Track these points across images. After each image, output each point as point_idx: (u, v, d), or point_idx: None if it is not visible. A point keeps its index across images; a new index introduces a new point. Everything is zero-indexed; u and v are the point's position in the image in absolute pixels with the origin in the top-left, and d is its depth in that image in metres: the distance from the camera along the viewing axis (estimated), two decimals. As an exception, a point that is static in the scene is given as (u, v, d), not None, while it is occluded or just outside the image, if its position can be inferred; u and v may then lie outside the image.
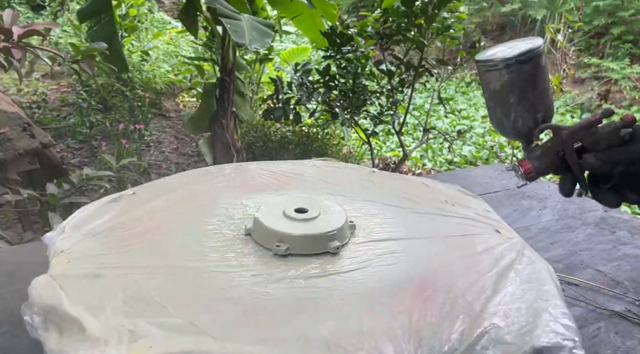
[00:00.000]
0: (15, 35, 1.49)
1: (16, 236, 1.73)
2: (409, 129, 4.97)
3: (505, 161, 4.01)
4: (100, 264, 0.65)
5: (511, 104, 0.65)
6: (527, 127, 0.65)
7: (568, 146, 0.61)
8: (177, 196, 0.87)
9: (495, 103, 0.67)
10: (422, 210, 0.87)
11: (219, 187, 0.92)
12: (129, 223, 0.76)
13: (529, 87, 0.64)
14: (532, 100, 0.64)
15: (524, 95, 0.64)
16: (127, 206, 0.83)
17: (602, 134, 0.59)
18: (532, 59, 0.63)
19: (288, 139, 3.94)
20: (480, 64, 0.66)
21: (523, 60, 0.62)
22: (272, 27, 2.64)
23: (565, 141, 0.61)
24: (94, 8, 2.87)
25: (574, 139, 0.61)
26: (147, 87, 4.63)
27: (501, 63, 0.63)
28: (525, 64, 0.63)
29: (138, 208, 0.82)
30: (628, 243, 1.05)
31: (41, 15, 6.54)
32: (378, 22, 2.93)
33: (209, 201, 0.86)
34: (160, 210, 0.82)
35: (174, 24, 6.84)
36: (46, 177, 2.25)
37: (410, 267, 0.67)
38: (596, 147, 0.60)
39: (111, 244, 0.70)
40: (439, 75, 3.24)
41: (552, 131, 0.64)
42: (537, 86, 0.64)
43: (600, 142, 0.59)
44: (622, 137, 0.59)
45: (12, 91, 4.42)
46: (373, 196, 0.91)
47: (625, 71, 5.98)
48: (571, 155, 0.61)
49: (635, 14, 6.36)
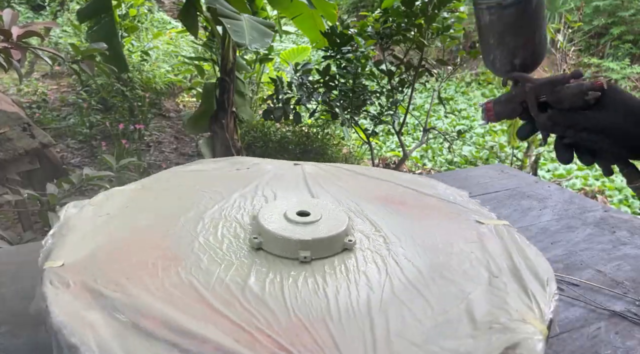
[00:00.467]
0: (15, 35, 1.48)
1: (16, 236, 1.72)
2: (409, 129, 4.97)
3: (506, 161, 4.01)
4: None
5: (491, 44, 0.65)
6: (504, 69, 0.65)
7: (531, 99, 0.61)
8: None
9: (480, 40, 0.68)
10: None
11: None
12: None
13: (509, 32, 0.63)
14: (511, 45, 0.64)
15: (502, 39, 0.64)
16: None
17: (566, 94, 0.58)
18: (514, 4, 0.61)
19: (288, 139, 3.94)
20: (474, 1, 0.66)
21: (505, 5, 0.61)
22: (272, 27, 2.64)
23: (527, 93, 0.61)
24: (94, 8, 2.87)
25: (537, 93, 0.61)
26: (147, 87, 4.63)
27: (484, 4, 0.63)
28: (507, 8, 0.62)
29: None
30: (628, 243, 1.05)
31: (41, 15, 6.54)
32: (378, 22, 2.93)
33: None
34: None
35: (174, 24, 6.84)
36: (46, 177, 2.25)
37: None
38: (558, 105, 0.59)
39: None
40: (439, 75, 3.24)
41: (520, 80, 0.64)
42: (519, 32, 0.63)
43: (563, 101, 0.59)
44: (587, 102, 0.57)
45: (12, 91, 4.41)
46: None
47: (625, 71, 5.98)
48: (533, 108, 0.61)
49: (636, 14, 6.36)
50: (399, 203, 0.93)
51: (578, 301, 0.83)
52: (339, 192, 0.95)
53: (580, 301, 0.83)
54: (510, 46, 0.64)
